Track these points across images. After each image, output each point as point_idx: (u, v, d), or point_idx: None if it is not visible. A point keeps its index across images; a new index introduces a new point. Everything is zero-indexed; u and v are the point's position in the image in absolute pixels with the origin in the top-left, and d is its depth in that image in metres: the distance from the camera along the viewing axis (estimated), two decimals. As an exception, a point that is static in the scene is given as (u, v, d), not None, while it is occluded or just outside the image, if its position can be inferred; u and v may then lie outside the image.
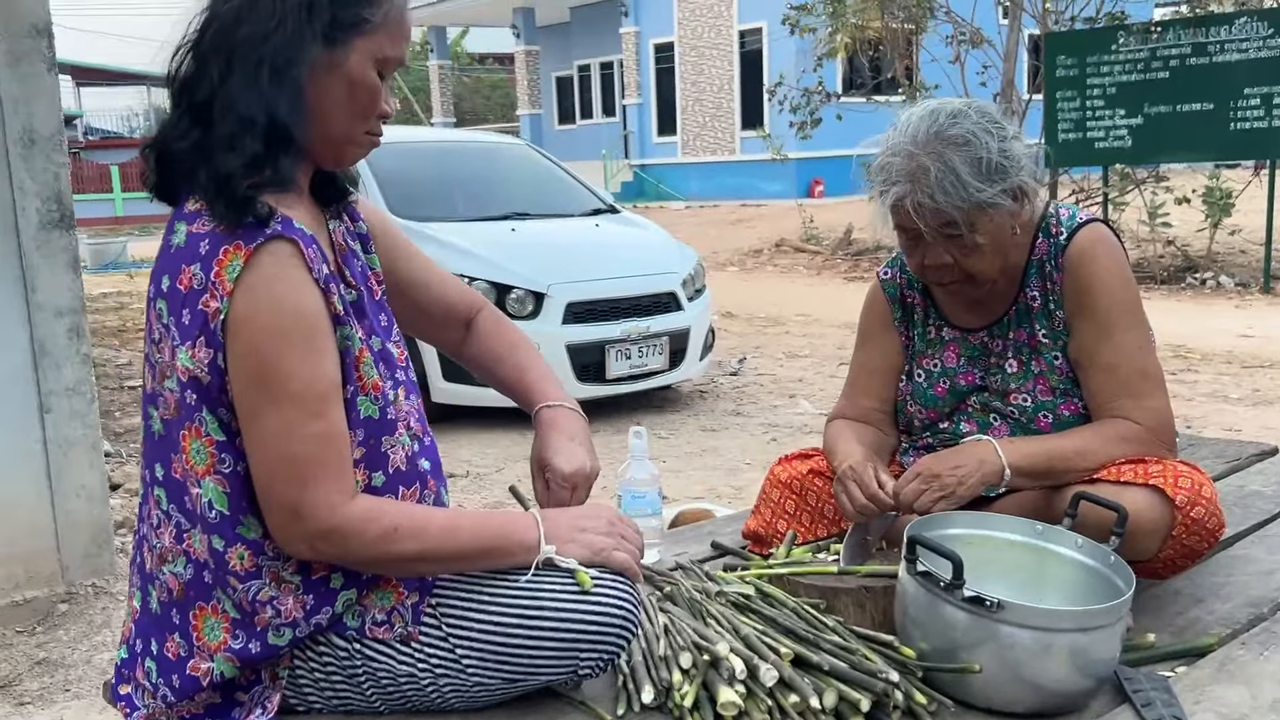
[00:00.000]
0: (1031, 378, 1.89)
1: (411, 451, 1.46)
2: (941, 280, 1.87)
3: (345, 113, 1.41)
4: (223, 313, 1.29)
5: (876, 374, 2.07)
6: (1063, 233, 1.87)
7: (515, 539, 1.45)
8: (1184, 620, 1.77)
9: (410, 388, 1.55)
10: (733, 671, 1.41)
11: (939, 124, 1.76)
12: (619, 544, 1.50)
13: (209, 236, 1.32)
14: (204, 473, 1.36)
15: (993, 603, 1.41)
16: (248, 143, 1.33)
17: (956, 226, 1.76)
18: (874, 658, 1.47)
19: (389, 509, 1.38)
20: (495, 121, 31.00)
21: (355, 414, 1.39)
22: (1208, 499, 1.68)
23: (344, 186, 1.58)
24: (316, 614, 1.40)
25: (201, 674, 1.38)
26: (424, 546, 1.38)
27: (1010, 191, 1.78)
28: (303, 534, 1.34)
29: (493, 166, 7.37)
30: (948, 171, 1.73)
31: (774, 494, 2.03)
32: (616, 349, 5.88)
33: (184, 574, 1.40)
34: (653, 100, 23.84)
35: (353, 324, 1.40)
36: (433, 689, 1.43)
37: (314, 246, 1.36)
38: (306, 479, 1.32)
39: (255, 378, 1.31)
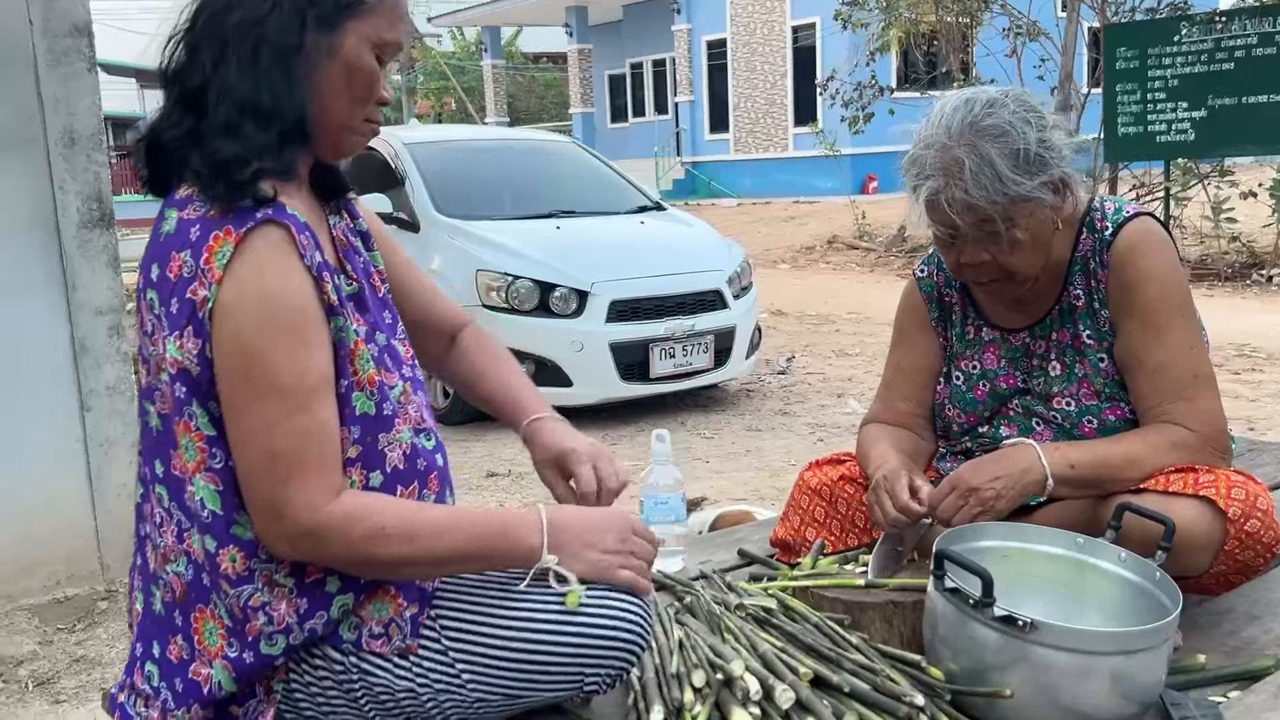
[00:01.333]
0: (1075, 381, 1.79)
1: (411, 449, 1.40)
2: (980, 279, 1.78)
3: (344, 99, 1.37)
4: (211, 301, 1.25)
5: (913, 376, 1.98)
6: (1108, 227, 1.77)
7: (517, 543, 1.38)
8: (1238, 640, 1.66)
9: (417, 385, 1.50)
10: (747, 692, 1.34)
11: (974, 114, 1.67)
12: (626, 560, 1.42)
13: (200, 222, 1.28)
14: (195, 470, 1.31)
15: (1025, 623, 1.32)
16: (249, 128, 1.29)
17: (994, 223, 1.67)
18: (899, 679, 1.39)
19: (377, 508, 1.32)
20: (549, 120, 31.09)
21: (351, 409, 1.34)
22: (1264, 511, 1.57)
23: (344, 181, 1.54)
24: (310, 619, 1.34)
25: (202, 680, 1.34)
26: (415, 549, 1.32)
27: (1051, 184, 1.69)
28: (283, 533, 1.28)
29: (539, 164, 7.35)
30: (984, 164, 1.64)
31: (803, 501, 1.95)
32: (660, 348, 5.82)
33: (185, 574, 1.35)
34: (705, 97, 23.72)
35: (348, 316, 1.35)
36: (433, 705, 1.37)
37: (307, 233, 1.31)
38: (288, 476, 1.27)
39: (240, 368, 1.26)
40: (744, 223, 17.14)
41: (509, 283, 5.74)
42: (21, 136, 3.38)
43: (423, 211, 6.29)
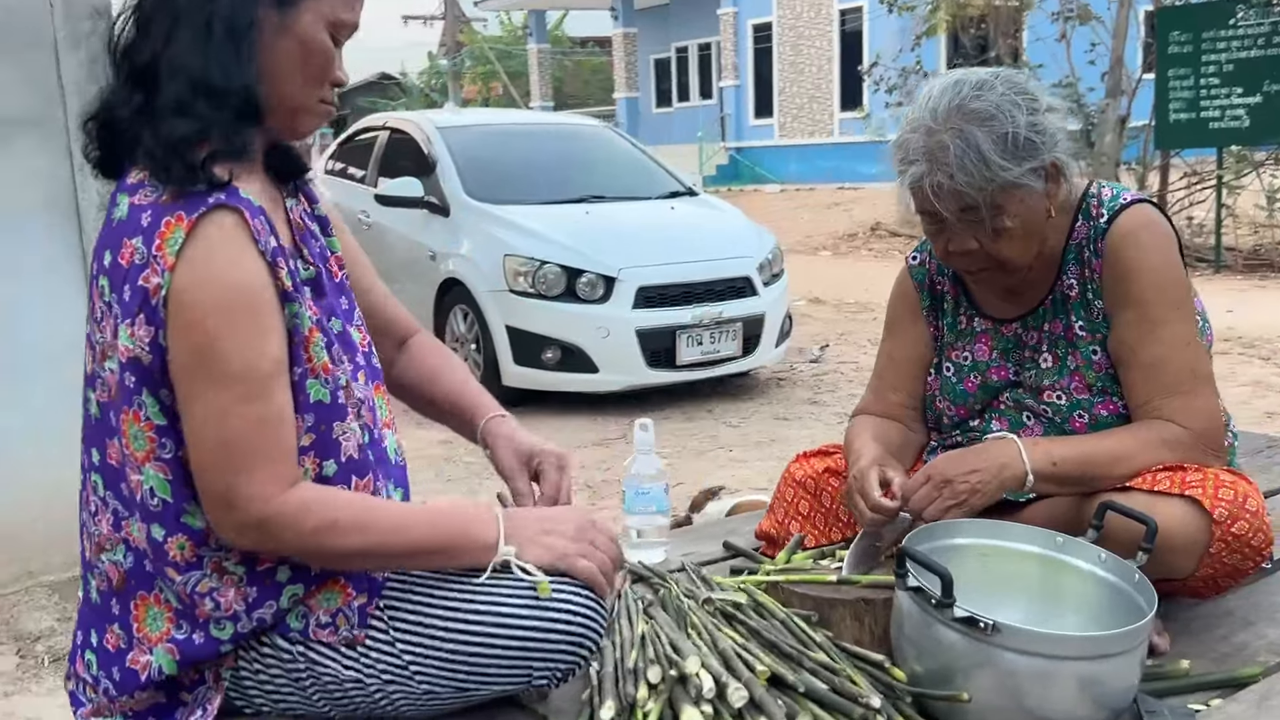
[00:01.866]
0: (1067, 374, 1.73)
1: (362, 441, 1.38)
2: (968, 268, 1.73)
3: (298, 77, 1.35)
4: (164, 288, 1.23)
5: (903, 366, 1.92)
6: (1103, 214, 1.70)
7: (473, 536, 1.36)
8: (1229, 645, 1.60)
9: (372, 374, 1.48)
10: (700, 689, 1.30)
11: (962, 96, 1.61)
12: (585, 550, 1.39)
13: (151, 208, 1.26)
14: (144, 459, 1.30)
15: (987, 625, 1.27)
16: (202, 107, 1.27)
17: (979, 210, 1.61)
18: (859, 679, 1.35)
19: (331, 501, 1.30)
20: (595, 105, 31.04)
21: (305, 397, 1.32)
22: (1252, 512, 1.50)
23: (301, 163, 1.52)
24: (259, 608, 1.33)
25: (140, 667, 1.33)
26: (369, 541, 1.30)
27: (1042, 170, 1.62)
28: (234, 523, 1.27)
29: (571, 149, 7.31)
30: (969, 149, 1.58)
31: (788, 493, 1.90)
32: (687, 334, 5.77)
33: (124, 562, 1.34)
34: (750, 82, 23.53)
35: (303, 302, 1.32)
36: (381, 695, 1.35)
37: (261, 218, 1.29)
38: (240, 465, 1.25)
39: (193, 356, 1.24)
40: (787, 209, 17.01)
41: (536, 268, 5.72)
42: (42, 118, 3.41)
43: (453, 195, 6.29)
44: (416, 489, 3.99)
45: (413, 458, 1.63)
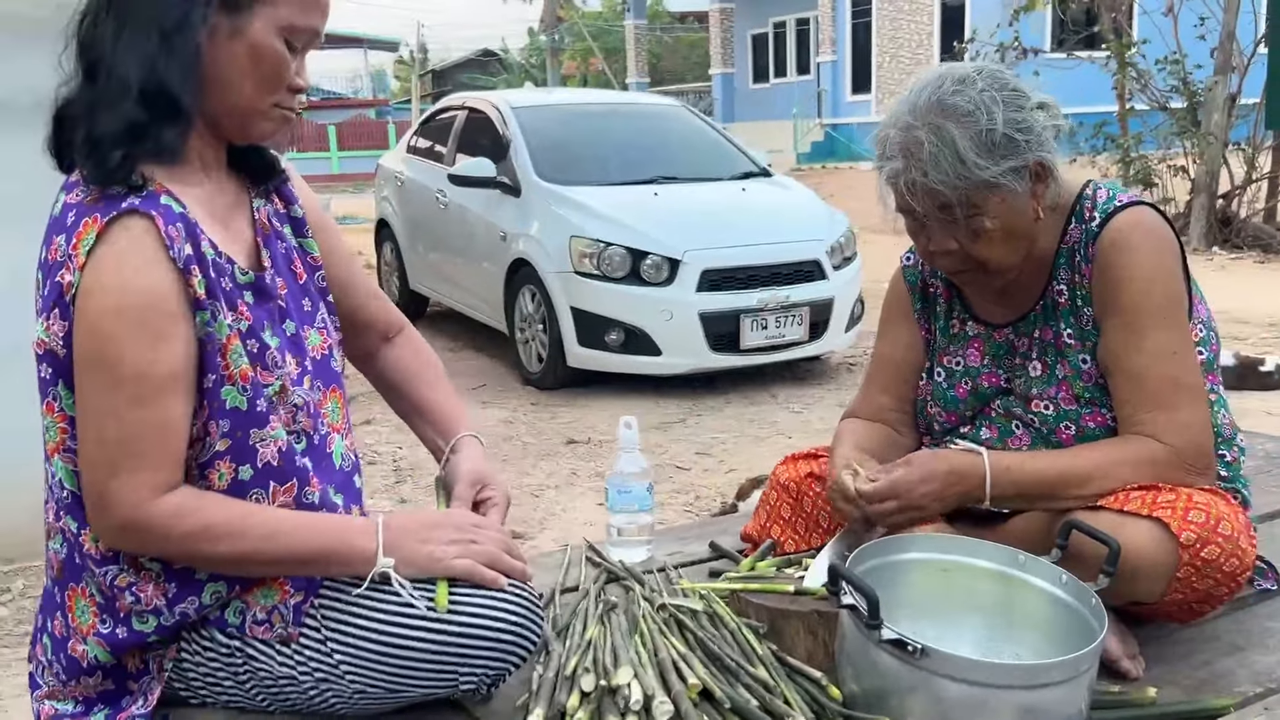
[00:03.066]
0: (1055, 383, 1.67)
1: (286, 446, 1.39)
2: (950, 269, 1.67)
3: (249, 83, 1.35)
4: (74, 286, 1.26)
5: (892, 369, 1.88)
6: (1095, 217, 1.63)
7: (351, 546, 1.36)
8: (1208, 673, 1.52)
9: (325, 378, 1.49)
10: (627, 701, 1.30)
11: (941, 91, 1.56)
12: (464, 549, 1.39)
13: (76, 208, 1.29)
14: (54, 450, 1.33)
15: (916, 648, 1.23)
16: (126, 107, 1.28)
17: (953, 210, 1.56)
18: (794, 697, 1.32)
19: (203, 506, 1.31)
20: (692, 81, 30.85)
21: (220, 403, 1.33)
22: (1225, 536, 1.42)
23: (272, 163, 1.52)
24: (180, 603, 1.35)
25: (79, 656, 1.37)
26: (243, 548, 1.31)
27: (1025, 170, 1.56)
28: (105, 524, 1.29)
29: (644, 129, 7.28)
30: (943, 146, 1.53)
31: (772, 496, 1.87)
32: (752, 318, 5.72)
33: (61, 551, 1.38)
34: (848, 57, 23.11)
35: (220, 309, 1.32)
36: (314, 693, 1.37)
37: (178, 224, 1.29)
38: (118, 467, 1.27)
39: (88, 355, 1.26)
40: (881, 187, 16.69)
41: (601, 249, 5.72)
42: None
43: (524, 176, 6.32)
44: None
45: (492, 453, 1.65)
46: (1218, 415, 1.72)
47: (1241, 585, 1.48)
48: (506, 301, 6.34)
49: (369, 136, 28.01)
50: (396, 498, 4.36)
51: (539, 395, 5.96)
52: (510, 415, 5.57)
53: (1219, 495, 1.51)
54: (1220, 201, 10.88)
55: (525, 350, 6.21)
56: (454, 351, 7.17)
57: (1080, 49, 12.97)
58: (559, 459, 4.84)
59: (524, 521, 4.00)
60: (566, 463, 4.79)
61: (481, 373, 6.55)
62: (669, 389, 5.89)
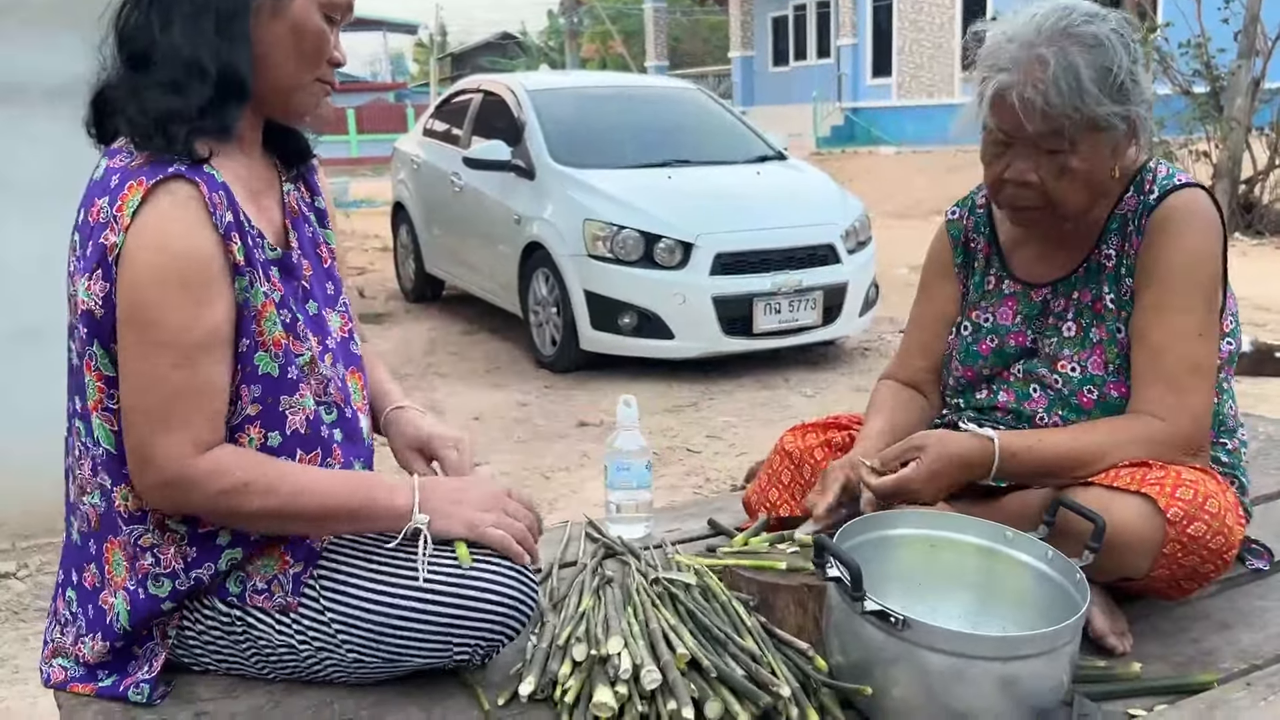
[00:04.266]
0: (1089, 346, 1.68)
1: (314, 415, 1.42)
2: (1017, 202, 1.65)
3: (292, 60, 1.40)
4: (118, 247, 1.29)
5: (930, 328, 1.89)
6: (1154, 192, 1.65)
7: (385, 503, 1.40)
8: (1195, 650, 1.54)
9: (344, 359, 1.53)
10: (616, 670, 1.32)
11: (1071, 19, 1.55)
12: (499, 518, 1.43)
13: (120, 171, 1.33)
14: (94, 408, 1.37)
15: (898, 619, 1.25)
16: (195, 88, 1.33)
17: (1059, 137, 1.55)
18: (781, 668, 1.35)
19: (242, 463, 1.34)
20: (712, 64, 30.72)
21: (253, 369, 1.37)
22: (1212, 514, 1.44)
23: (305, 149, 1.57)
24: (197, 568, 1.39)
25: (108, 608, 1.41)
26: (279, 504, 1.34)
27: (1128, 120, 1.57)
28: (148, 481, 1.33)
29: (659, 112, 7.28)
30: (1068, 70, 1.51)
31: (775, 461, 1.90)
32: (765, 302, 5.73)
33: (100, 505, 1.42)
34: (868, 40, 22.96)
35: (258, 278, 1.37)
36: (313, 661, 1.41)
37: (221, 192, 1.34)
38: (160, 426, 1.30)
39: (131, 316, 1.30)
40: (902, 172, 16.62)
41: (614, 233, 5.74)
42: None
43: (538, 159, 6.34)
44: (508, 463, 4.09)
45: (488, 419, 1.69)
46: (1224, 405, 1.73)
47: (1229, 563, 1.49)
48: (520, 284, 6.37)
49: (388, 120, 28.00)
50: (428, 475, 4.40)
51: (552, 378, 5.99)
52: (523, 398, 5.60)
53: (1208, 474, 1.52)
54: (1242, 187, 10.79)
55: (539, 333, 6.24)
56: (468, 334, 7.21)
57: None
58: (571, 441, 4.87)
59: (535, 502, 4.03)
60: (578, 444, 4.82)
61: (495, 355, 6.59)
62: (681, 372, 5.91)
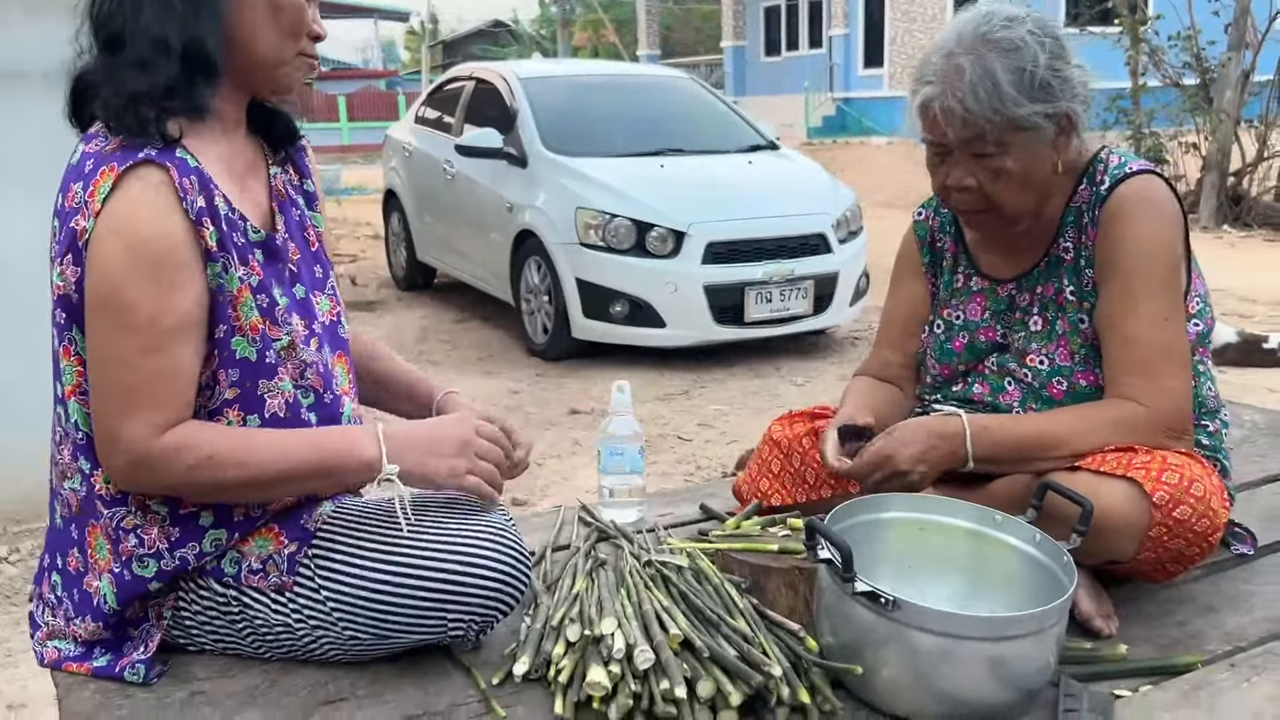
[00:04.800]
0: (1055, 339, 1.71)
1: (292, 399, 1.43)
2: (962, 206, 1.70)
3: (271, 34, 1.40)
4: (88, 232, 1.30)
5: (901, 325, 1.93)
6: (1105, 181, 1.66)
7: (354, 456, 1.40)
8: (1181, 632, 1.56)
9: (331, 343, 1.53)
10: (610, 650, 1.34)
11: (989, 25, 1.59)
12: (473, 464, 1.45)
13: (95, 157, 1.33)
14: (70, 393, 1.38)
15: (888, 600, 1.27)
16: (162, 65, 1.33)
17: (984, 142, 1.59)
18: (772, 649, 1.36)
19: (206, 436, 1.34)
20: (705, 54, 30.67)
21: (230, 353, 1.37)
22: (1197, 497, 1.46)
23: (291, 128, 1.57)
24: (181, 548, 1.40)
25: (94, 592, 1.41)
26: (249, 472, 1.35)
27: (1055, 118, 1.60)
28: (116, 464, 1.34)
29: (652, 101, 7.29)
30: (984, 76, 1.55)
31: (764, 451, 1.92)
32: (756, 291, 5.74)
33: (80, 490, 1.42)
34: (860, 30, 22.93)
35: (232, 262, 1.37)
36: (309, 640, 1.42)
37: (192, 177, 1.33)
38: (127, 409, 1.31)
39: (101, 301, 1.30)
40: (893, 162, 16.60)
41: (607, 221, 5.74)
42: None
43: (531, 146, 6.34)
44: None
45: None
46: (1203, 388, 1.75)
47: (1214, 546, 1.51)
48: (512, 272, 6.38)
49: (379, 107, 27.92)
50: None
51: (544, 366, 6.00)
52: (515, 385, 5.61)
53: (1194, 458, 1.54)
54: (1231, 179, 10.83)
55: (530, 321, 6.25)
56: (460, 322, 7.21)
57: (1094, 24, 12.88)
58: (562, 428, 4.89)
59: (526, 489, 4.05)
60: (569, 432, 4.83)
61: (487, 343, 6.60)
62: (673, 361, 5.92)
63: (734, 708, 1.29)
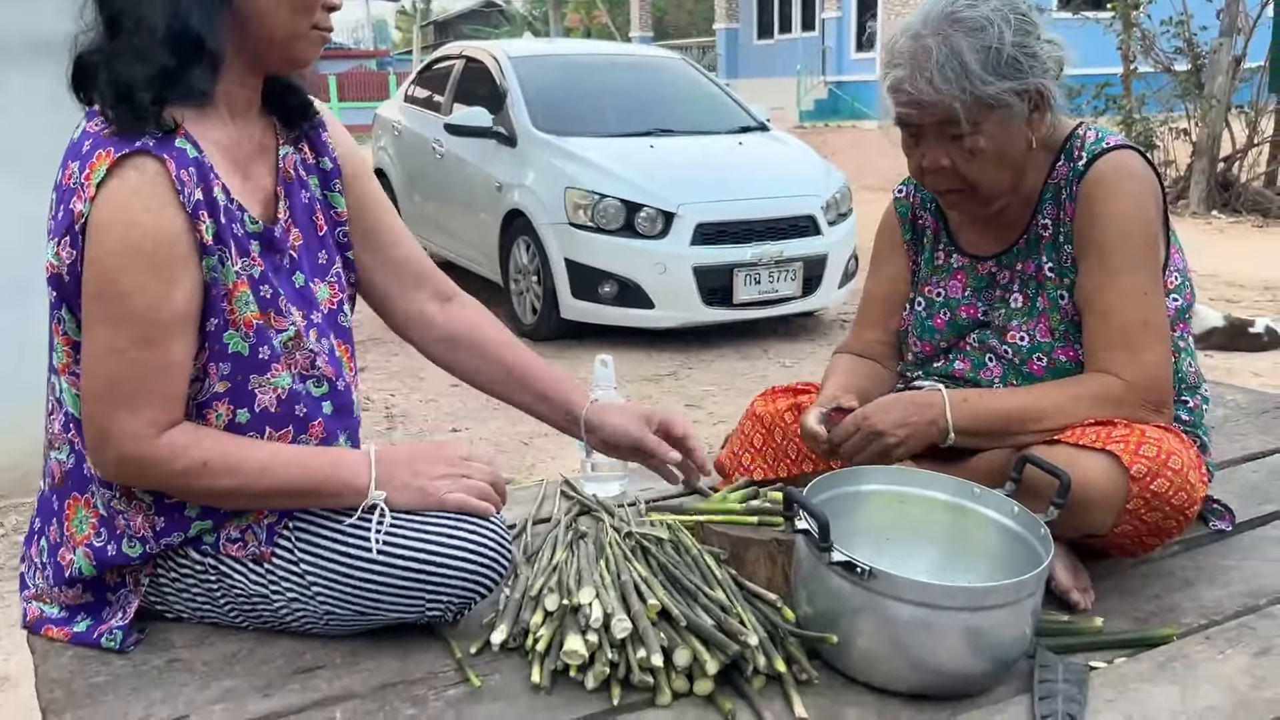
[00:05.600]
0: (1036, 315, 1.72)
1: (288, 394, 1.41)
2: (939, 187, 1.70)
3: (284, 9, 1.36)
4: (85, 216, 1.27)
5: (881, 302, 1.93)
6: (1083, 157, 1.67)
7: (343, 480, 1.39)
8: (1157, 605, 1.57)
9: (333, 332, 1.51)
10: (588, 620, 1.34)
11: (955, 6, 1.59)
12: (455, 482, 1.43)
13: (93, 137, 1.30)
14: (62, 370, 1.37)
15: (863, 570, 1.27)
16: (157, 53, 1.29)
17: (955, 123, 1.59)
18: (749, 618, 1.36)
19: (201, 442, 1.34)
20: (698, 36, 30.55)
21: (222, 347, 1.36)
22: (1175, 470, 1.46)
23: (305, 104, 1.52)
24: (167, 536, 1.39)
25: (66, 564, 1.41)
26: (238, 482, 1.34)
27: (1025, 95, 1.60)
28: (104, 457, 1.33)
29: (642, 81, 7.26)
30: (951, 56, 1.56)
31: (746, 426, 1.92)
32: (745, 273, 5.74)
33: (66, 462, 1.41)
34: (853, 13, 22.88)
35: (229, 255, 1.35)
36: (285, 611, 1.42)
37: (190, 169, 1.31)
38: (121, 403, 1.30)
39: (96, 290, 1.28)
40: (885, 145, 16.55)
41: (596, 201, 5.73)
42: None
43: (520, 126, 6.32)
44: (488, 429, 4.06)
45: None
46: (1183, 363, 1.76)
47: (1191, 519, 1.52)
48: (501, 252, 6.36)
49: (370, 87, 27.80)
50: (388, 444, 4.41)
51: (532, 346, 5.97)
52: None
53: (1172, 432, 1.55)
54: (1221, 165, 10.85)
55: (519, 301, 6.24)
56: (449, 302, 7.19)
57: (1086, 8, 12.86)
58: (549, 407, 4.88)
59: (514, 468, 4.04)
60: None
61: (476, 323, 6.58)
62: (661, 342, 5.92)
63: (710, 676, 1.30)
